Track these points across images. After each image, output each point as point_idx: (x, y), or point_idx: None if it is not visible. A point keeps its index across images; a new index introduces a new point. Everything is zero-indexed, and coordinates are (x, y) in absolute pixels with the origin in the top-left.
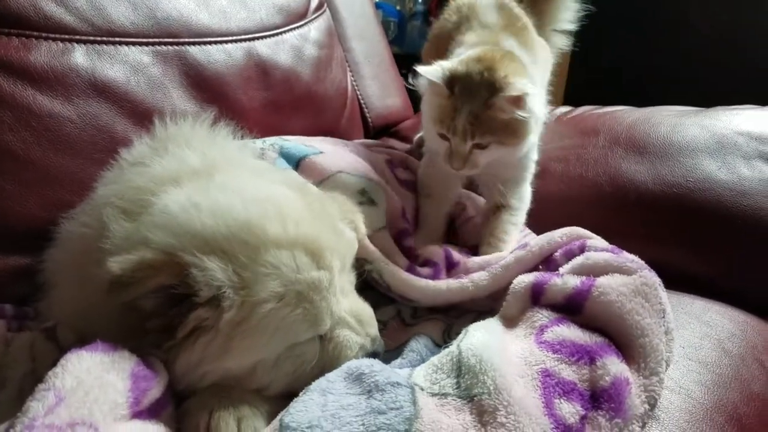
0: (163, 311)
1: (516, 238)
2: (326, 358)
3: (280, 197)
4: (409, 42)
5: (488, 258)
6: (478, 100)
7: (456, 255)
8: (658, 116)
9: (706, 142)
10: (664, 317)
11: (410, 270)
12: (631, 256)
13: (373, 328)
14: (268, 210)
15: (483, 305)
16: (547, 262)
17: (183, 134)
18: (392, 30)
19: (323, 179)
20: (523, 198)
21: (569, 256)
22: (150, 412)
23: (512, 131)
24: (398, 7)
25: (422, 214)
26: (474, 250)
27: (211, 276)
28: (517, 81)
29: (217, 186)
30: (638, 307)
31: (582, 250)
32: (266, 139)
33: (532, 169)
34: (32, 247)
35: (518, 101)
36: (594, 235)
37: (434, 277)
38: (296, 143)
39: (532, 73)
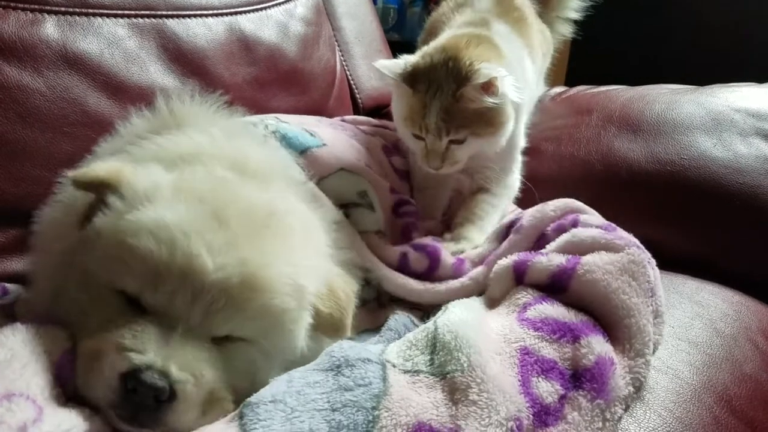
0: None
1: (494, 221)
2: None
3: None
4: (408, 29)
5: (480, 251)
6: (447, 93)
7: (465, 262)
8: (652, 94)
9: (701, 119)
10: (652, 296)
11: (403, 261)
12: (622, 233)
13: None
14: None
15: None
16: (539, 239)
17: (194, 116)
18: (392, 17)
19: (325, 176)
20: (509, 186)
21: (561, 231)
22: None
23: (487, 121)
24: None
25: (418, 205)
26: None
27: None
28: (484, 66)
29: None
30: (625, 285)
31: (574, 225)
32: (263, 117)
33: (518, 158)
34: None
35: (488, 87)
36: (589, 208)
37: (431, 270)
38: (297, 128)
39: (512, 57)
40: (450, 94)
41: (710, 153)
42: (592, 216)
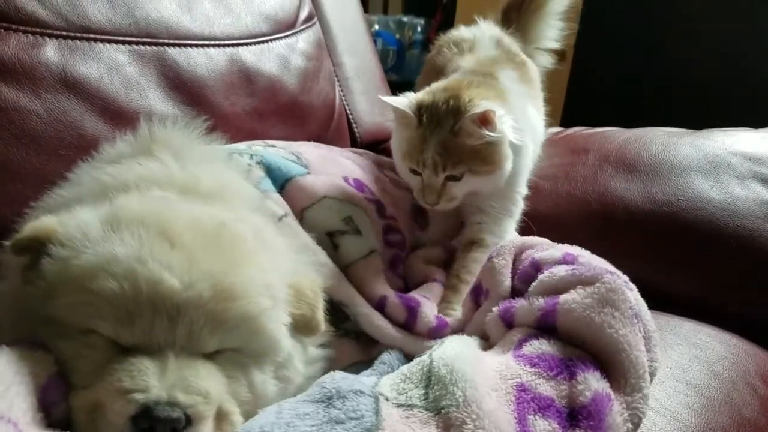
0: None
1: None
2: None
3: None
4: (407, 70)
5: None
6: (445, 127)
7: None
8: (649, 136)
9: (698, 161)
10: (638, 321)
11: (381, 304)
12: (590, 261)
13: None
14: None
15: None
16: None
17: (171, 141)
18: (391, 58)
19: (309, 206)
20: (502, 235)
21: (527, 278)
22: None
23: (484, 158)
24: (397, 36)
25: (428, 232)
26: None
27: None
28: (483, 102)
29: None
30: (609, 318)
31: (535, 267)
32: (251, 144)
33: (518, 203)
34: None
35: (485, 120)
36: (537, 239)
37: (408, 324)
38: (283, 153)
39: (516, 103)
40: (448, 129)
41: (707, 195)
42: (544, 250)
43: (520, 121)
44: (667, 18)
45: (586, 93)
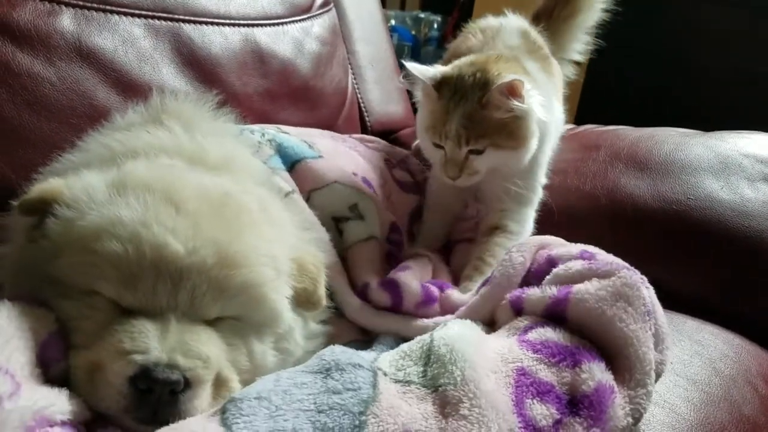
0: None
1: None
2: None
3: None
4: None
5: (465, 298)
6: (471, 100)
7: (434, 292)
8: (661, 135)
9: (709, 161)
10: (650, 318)
11: (363, 291)
12: (607, 258)
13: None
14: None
15: None
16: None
17: (182, 113)
18: (406, 54)
19: (318, 188)
20: (524, 223)
21: (540, 275)
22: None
23: (510, 133)
24: (413, 32)
25: (423, 224)
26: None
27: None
28: (510, 75)
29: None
30: (621, 312)
31: (551, 263)
32: (264, 127)
33: (538, 191)
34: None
35: (513, 90)
36: (555, 239)
37: (396, 306)
38: (295, 139)
39: (542, 89)
40: (475, 101)
41: (717, 195)
42: (563, 248)
43: (545, 104)
44: (677, 24)
45: (600, 94)
